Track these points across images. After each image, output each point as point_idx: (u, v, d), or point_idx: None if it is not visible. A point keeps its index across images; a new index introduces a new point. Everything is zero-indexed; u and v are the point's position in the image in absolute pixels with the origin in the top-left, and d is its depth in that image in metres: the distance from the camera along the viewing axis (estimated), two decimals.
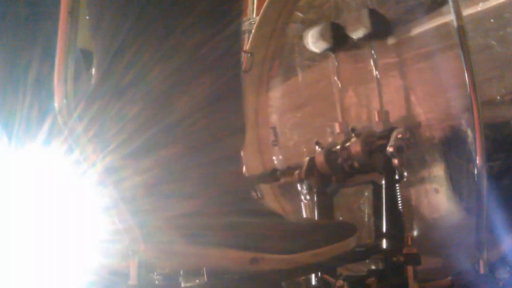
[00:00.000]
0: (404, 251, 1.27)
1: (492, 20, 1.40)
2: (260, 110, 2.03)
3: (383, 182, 1.39)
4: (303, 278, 1.42)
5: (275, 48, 1.99)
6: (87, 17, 1.33)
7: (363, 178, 1.50)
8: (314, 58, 1.84)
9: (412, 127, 1.47)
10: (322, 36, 1.66)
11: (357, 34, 1.60)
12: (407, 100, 1.54)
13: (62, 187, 1.27)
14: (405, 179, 1.39)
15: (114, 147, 1.09)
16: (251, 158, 1.97)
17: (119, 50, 1.11)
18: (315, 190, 1.57)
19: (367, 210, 1.64)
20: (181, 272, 1.15)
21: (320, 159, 1.56)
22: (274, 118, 2.02)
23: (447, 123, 1.46)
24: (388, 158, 1.38)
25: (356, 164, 1.49)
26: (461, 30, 1.28)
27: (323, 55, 1.75)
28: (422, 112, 1.51)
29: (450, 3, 1.31)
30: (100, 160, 1.09)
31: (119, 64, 1.11)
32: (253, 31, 1.96)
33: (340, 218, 1.66)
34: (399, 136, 1.39)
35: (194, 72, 1.12)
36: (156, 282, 1.19)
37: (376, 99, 1.60)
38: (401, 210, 1.37)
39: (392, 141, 1.39)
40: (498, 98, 1.39)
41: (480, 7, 1.41)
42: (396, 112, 1.56)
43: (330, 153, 1.55)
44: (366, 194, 1.63)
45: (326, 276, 1.35)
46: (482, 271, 1.23)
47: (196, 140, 1.12)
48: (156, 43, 1.11)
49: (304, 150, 1.87)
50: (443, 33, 1.45)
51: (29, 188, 1.36)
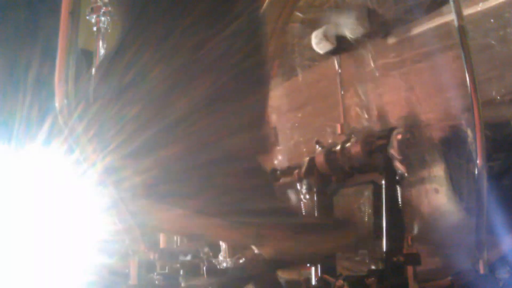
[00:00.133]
0: (404, 251, 1.27)
1: (492, 20, 1.40)
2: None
3: (383, 182, 1.39)
4: (303, 278, 1.42)
5: (275, 48, 1.99)
6: (87, 17, 1.33)
7: (363, 178, 1.50)
8: (314, 58, 1.84)
9: (412, 127, 1.47)
10: (326, 37, 1.66)
11: (355, 34, 1.60)
12: (407, 100, 1.54)
13: (62, 187, 1.27)
14: (405, 179, 1.39)
15: (114, 147, 1.09)
16: None
17: (119, 50, 1.11)
18: (315, 190, 1.57)
19: (367, 210, 1.64)
20: (181, 272, 1.15)
21: (320, 159, 1.55)
22: (274, 118, 2.02)
23: (447, 123, 1.45)
24: (388, 158, 1.38)
25: (356, 164, 1.49)
26: (461, 30, 1.28)
27: (323, 55, 1.75)
28: (422, 112, 1.51)
29: (451, 3, 1.31)
30: (100, 160, 1.09)
31: (119, 64, 1.11)
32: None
33: (340, 219, 1.66)
34: (399, 136, 1.39)
35: (194, 72, 1.12)
36: (156, 282, 1.20)
37: (376, 99, 1.60)
38: (401, 210, 1.37)
39: (392, 141, 1.39)
40: (498, 98, 1.39)
41: (480, 7, 1.41)
42: (396, 112, 1.56)
43: (330, 153, 1.55)
44: (366, 194, 1.63)
45: (326, 276, 1.35)
46: (482, 271, 1.23)
47: (196, 140, 1.12)
48: (156, 43, 1.11)
49: (304, 150, 1.87)
50: (443, 33, 1.45)
51: (29, 188, 1.35)
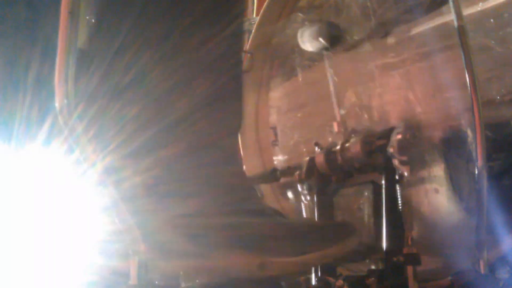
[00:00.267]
0: (404, 251, 1.27)
1: (492, 20, 1.39)
2: (260, 110, 2.03)
3: (383, 182, 1.39)
4: (303, 278, 1.42)
5: (275, 48, 1.99)
6: (87, 17, 1.33)
7: (363, 178, 1.50)
8: (314, 58, 1.84)
9: (412, 127, 1.47)
10: (318, 35, 1.66)
11: (355, 34, 1.60)
12: (407, 100, 1.54)
13: (62, 187, 1.27)
14: (405, 179, 1.39)
15: (114, 147, 1.09)
16: (251, 158, 1.97)
17: (119, 50, 1.11)
18: (315, 190, 1.57)
19: (367, 210, 1.64)
20: (181, 272, 1.15)
21: (320, 159, 1.56)
22: (274, 118, 2.02)
23: (447, 123, 1.45)
24: (388, 158, 1.38)
25: (356, 164, 1.49)
26: (461, 30, 1.28)
27: (323, 55, 1.75)
28: (422, 112, 1.51)
29: (451, 3, 1.31)
30: (100, 160, 1.09)
31: (119, 64, 1.11)
32: (253, 31, 1.95)
33: (340, 219, 1.66)
34: (399, 136, 1.39)
35: (194, 72, 1.12)
36: (156, 282, 1.19)
37: (376, 99, 1.60)
38: (401, 210, 1.37)
39: (392, 141, 1.39)
40: (498, 98, 1.39)
41: (480, 7, 1.41)
42: (396, 112, 1.56)
43: (330, 153, 1.55)
44: (366, 194, 1.63)
45: (326, 276, 1.35)
46: (482, 271, 1.23)
47: (196, 140, 1.12)
48: (156, 43, 1.11)
49: (304, 150, 1.87)
50: (443, 33, 1.45)
51: (29, 188, 1.35)
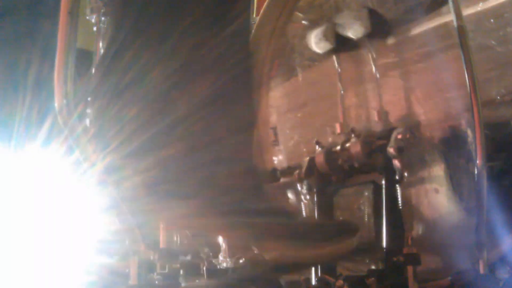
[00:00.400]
0: (404, 251, 1.27)
1: (492, 20, 1.39)
2: (260, 110, 2.03)
3: (383, 182, 1.39)
4: (303, 278, 1.42)
5: (275, 48, 1.99)
6: (87, 17, 1.33)
7: (363, 178, 1.50)
8: (314, 58, 1.84)
9: (412, 127, 1.47)
10: (325, 37, 1.66)
11: (357, 34, 1.60)
12: (407, 100, 1.54)
13: (62, 187, 1.27)
14: (405, 179, 1.39)
15: (114, 147, 1.09)
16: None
17: (119, 50, 1.11)
18: (315, 190, 1.57)
19: (367, 210, 1.64)
20: (181, 272, 1.15)
21: (320, 159, 1.56)
22: (274, 118, 2.02)
23: (447, 123, 1.45)
24: (388, 158, 1.38)
25: (356, 164, 1.49)
26: (461, 30, 1.28)
27: (323, 55, 1.75)
28: (422, 112, 1.51)
29: (450, 3, 1.31)
30: (100, 160, 1.09)
31: (119, 64, 1.11)
32: (253, 31, 1.95)
33: (341, 218, 1.66)
34: (399, 136, 1.39)
35: (194, 73, 1.12)
36: (156, 282, 1.19)
37: (376, 99, 1.60)
38: (401, 210, 1.37)
39: (392, 141, 1.39)
40: (498, 98, 1.39)
41: (480, 7, 1.41)
42: (396, 112, 1.56)
43: (330, 153, 1.55)
44: (366, 194, 1.63)
45: (326, 276, 1.35)
46: (482, 271, 1.23)
47: (196, 140, 1.12)
48: (156, 43, 1.11)
49: (304, 150, 1.87)
50: (443, 33, 1.45)
51: (29, 188, 1.35)
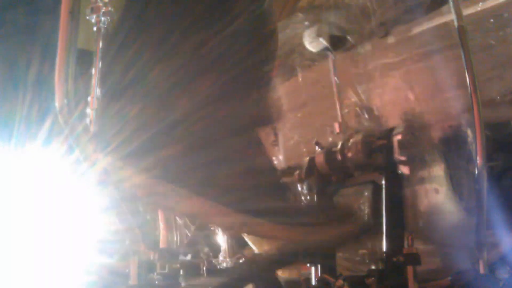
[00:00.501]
0: (404, 251, 1.27)
1: (492, 20, 1.39)
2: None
3: (383, 182, 1.39)
4: (303, 278, 1.42)
5: (275, 48, 1.99)
6: (87, 17, 1.32)
7: (363, 178, 1.50)
8: (314, 58, 1.84)
9: (412, 127, 1.47)
10: (319, 36, 1.66)
11: (355, 34, 1.60)
12: (407, 100, 1.54)
13: (62, 187, 1.27)
14: (405, 179, 1.39)
15: (114, 147, 1.09)
16: None
17: (119, 50, 1.11)
18: (315, 190, 1.57)
19: (367, 210, 1.64)
20: (181, 272, 1.15)
21: (320, 159, 1.55)
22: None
23: (447, 123, 1.45)
24: (388, 158, 1.38)
25: (356, 164, 1.49)
26: (461, 30, 1.28)
27: (323, 55, 1.75)
28: (422, 112, 1.51)
29: (450, 3, 1.31)
30: (100, 160, 1.09)
31: (119, 64, 1.11)
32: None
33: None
34: (399, 136, 1.39)
35: (195, 72, 1.12)
36: (156, 282, 1.20)
37: (376, 99, 1.60)
38: (401, 210, 1.37)
39: (392, 141, 1.39)
40: (498, 98, 1.39)
41: (480, 7, 1.41)
42: (396, 112, 1.56)
43: (330, 153, 1.55)
44: (366, 194, 1.63)
45: (326, 276, 1.35)
46: (482, 271, 1.23)
47: (196, 140, 1.12)
48: (156, 43, 1.11)
49: (304, 150, 1.87)
50: (443, 33, 1.45)
51: (29, 188, 1.35)
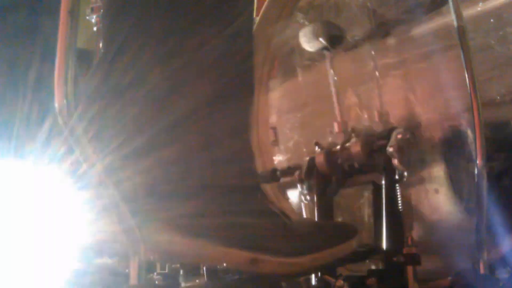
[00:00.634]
0: (404, 251, 1.27)
1: (492, 20, 1.39)
2: (260, 111, 2.03)
3: (383, 182, 1.39)
4: (303, 278, 1.42)
5: (275, 48, 1.99)
6: (87, 17, 1.33)
7: (363, 178, 1.50)
8: (314, 58, 1.84)
9: (412, 127, 1.47)
10: (316, 35, 1.65)
11: (355, 34, 1.60)
12: (407, 100, 1.54)
13: (62, 187, 1.27)
14: (405, 179, 1.39)
15: (114, 147, 1.09)
16: None
17: (119, 50, 1.11)
18: (315, 191, 1.57)
19: (367, 211, 1.64)
20: (181, 272, 1.15)
21: (320, 159, 1.55)
22: (274, 119, 2.02)
23: (447, 123, 1.45)
24: (388, 158, 1.38)
25: (356, 164, 1.49)
26: (461, 30, 1.28)
27: (323, 55, 1.75)
28: (422, 112, 1.51)
29: (450, 3, 1.31)
30: (100, 160, 1.09)
31: (119, 64, 1.11)
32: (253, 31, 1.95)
33: (340, 219, 1.66)
34: (399, 136, 1.39)
35: (195, 73, 1.11)
36: (156, 282, 1.20)
37: (376, 99, 1.60)
38: (401, 210, 1.37)
39: (392, 141, 1.39)
40: (498, 98, 1.39)
41: (480, 7, 1.41)
42: (396, 112, 1.56)
43: (330, 153, 1.55)
44: (366, 194, 1.63)
45: (326, 276, 1.35)
46: (482, 271, 1.23)
47: (196, 140, 1.12)
48: (156, 43, 1.10)
49: (304, 150, 1.87)
50: (443, 33, 1.45)
51: (28, 188, 1.35)
